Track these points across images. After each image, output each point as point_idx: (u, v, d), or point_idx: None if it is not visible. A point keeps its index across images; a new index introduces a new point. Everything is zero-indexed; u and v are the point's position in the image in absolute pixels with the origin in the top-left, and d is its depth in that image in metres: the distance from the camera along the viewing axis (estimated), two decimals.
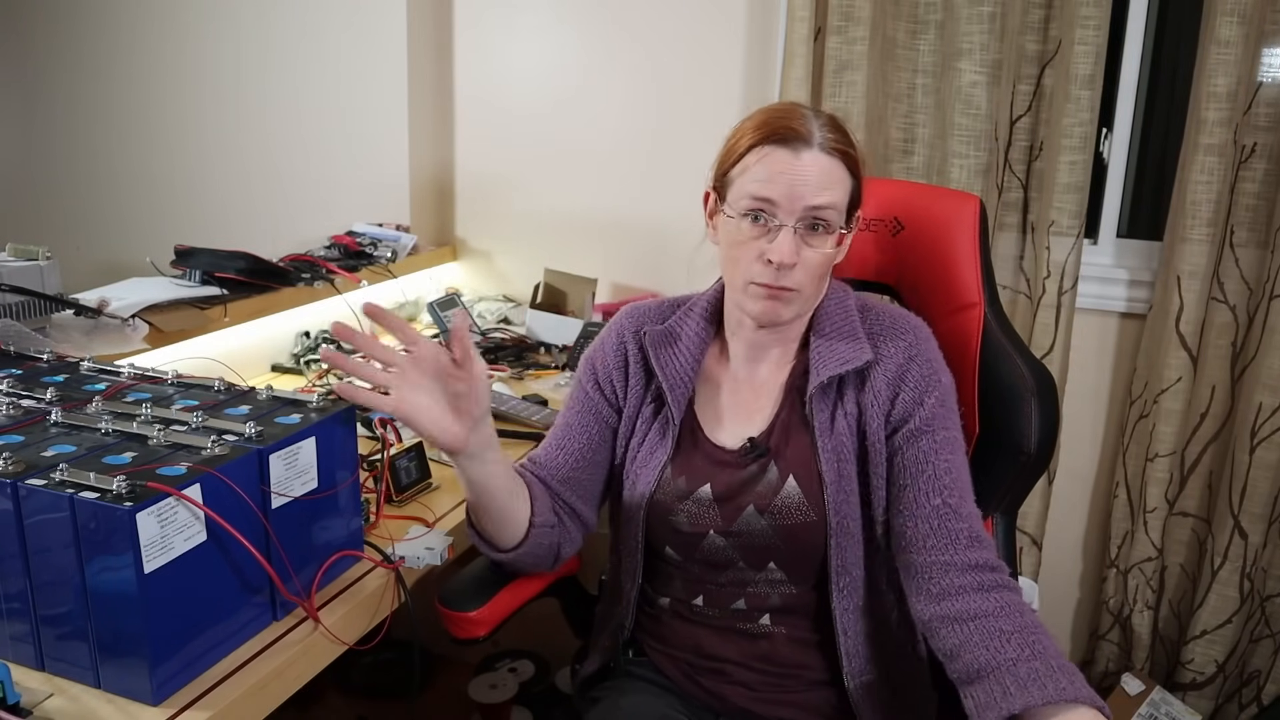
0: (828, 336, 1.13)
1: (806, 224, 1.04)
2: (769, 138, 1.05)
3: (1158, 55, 1.95)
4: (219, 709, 0.88)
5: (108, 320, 1.47)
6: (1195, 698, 1.94)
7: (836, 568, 1.09)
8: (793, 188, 1.03)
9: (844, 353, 1.11)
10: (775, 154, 1.04)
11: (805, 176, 1.03)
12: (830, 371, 1.10)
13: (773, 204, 1.04)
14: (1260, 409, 1.77)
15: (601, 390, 1.21)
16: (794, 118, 1.06)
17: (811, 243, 1.05)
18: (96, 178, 2.72)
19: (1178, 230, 1.80)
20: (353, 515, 1.11)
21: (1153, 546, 1.93)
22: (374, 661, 2.02)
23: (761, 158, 1.05)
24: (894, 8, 1.87)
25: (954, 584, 1.01)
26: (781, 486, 1.10)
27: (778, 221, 1.04)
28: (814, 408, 1.11)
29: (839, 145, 1.06)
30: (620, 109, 2.18)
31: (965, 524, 1.05)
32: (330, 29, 2.29)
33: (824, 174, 1.04)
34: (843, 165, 1.06)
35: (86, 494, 0.83)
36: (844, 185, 1.06)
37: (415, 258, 2.23)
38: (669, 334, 1.18)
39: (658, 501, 1.15)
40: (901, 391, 1.09)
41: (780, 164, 1.04)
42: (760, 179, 1.05)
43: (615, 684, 1.22)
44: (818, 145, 1.04)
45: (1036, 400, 1.20)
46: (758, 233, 1.06)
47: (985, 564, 1.03)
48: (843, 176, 1.06)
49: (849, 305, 1.15)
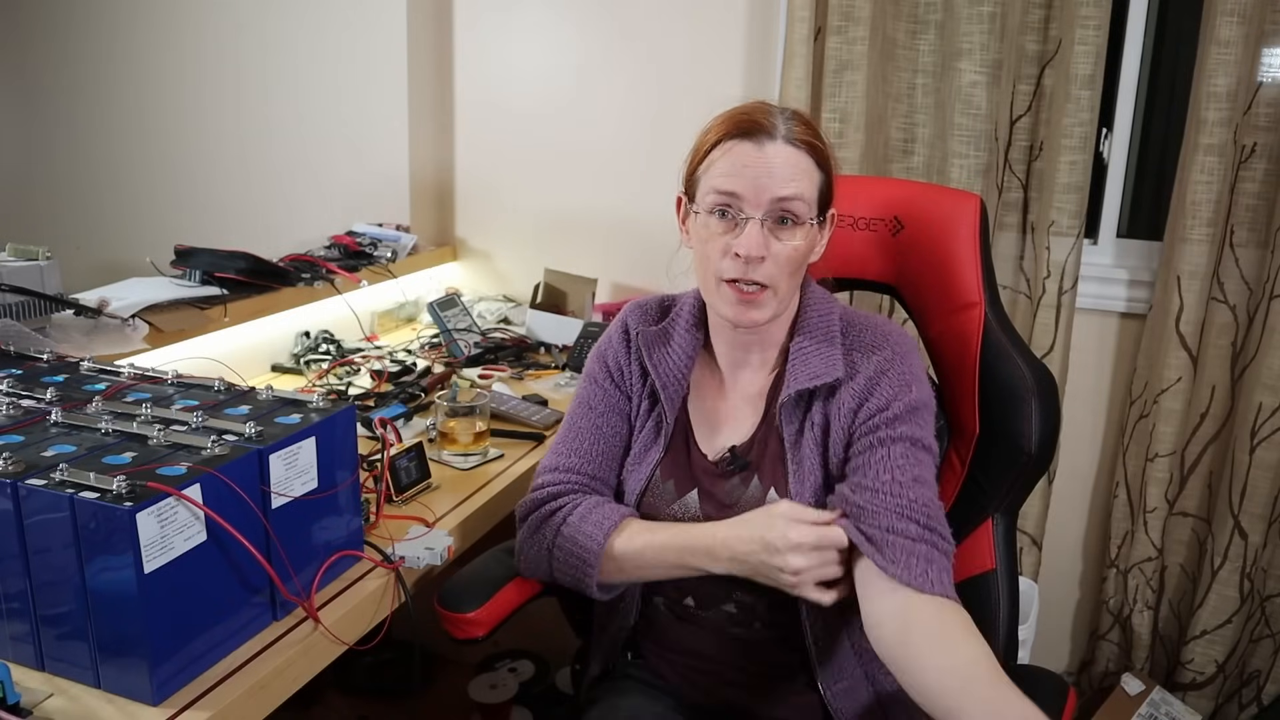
0: (805, 349, 1.11)
1: (774, 217, 1.04)
2: (731, 132, 1.04)
3: (1158, 55, 1.95)
4: (219, 709, 0.88)
5: (108, 320, 1.47)
6: (1195, 698, 1.94)
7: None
8: (757, 180, 1.02)
9: (816, 366, 1.09)
10: (739, 147, 1.04)
11: (769, 168, 1.02)
12: (799, 385, 1.08)
13: (738, 198, 1.03)
14: (1260, 409, 1.77)
15: (615, 382, 1.20)
16: (757, 112, 1.05)
17: (780, 236, 1.04)
18: (96, 178, 2.72)
19: (1178, 230, 1.80)
20: (353, 515, 1.11)
21: (1153, 546, 1.93)
22: (374, 661, 2.03)
23: (725, 152, 1.04)
24: (894, 8, 1.87)
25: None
26: (764, 500, 1.10)
27: (744, 215, 1.03)
28: (783, 420, 1.10)
29: (804, 137, 1.05)
30: (620, 109, 2.18)
31: (915, 496, 1.01)
32: (330, 29, 2.29)
33: (788, 165, 1.03)
34: (809, 157, 1.05)
35: (86, 494, 0.83)
36: (810, 177, 1.05)
37: (415, 258, 2.23)
38: (663, 335, 1.18)
39: (647, 501, 1.15)
40: (866, 402, 1.07)
41: (744, 157, 1.03)
42: (725, 173, 1.04)
43: (614, 685, 1.22)
44: (782, 137, 1.03)
45: (1037, 400, 1.20)
46: (725, 228, 1.05)
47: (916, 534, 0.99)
48: (809, 168, 1.05)
49: (832, 317, 1.13)
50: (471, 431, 1.45)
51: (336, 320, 1.99)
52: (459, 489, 1.36)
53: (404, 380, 1.78)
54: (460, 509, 1.30)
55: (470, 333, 2.04)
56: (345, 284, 1.94)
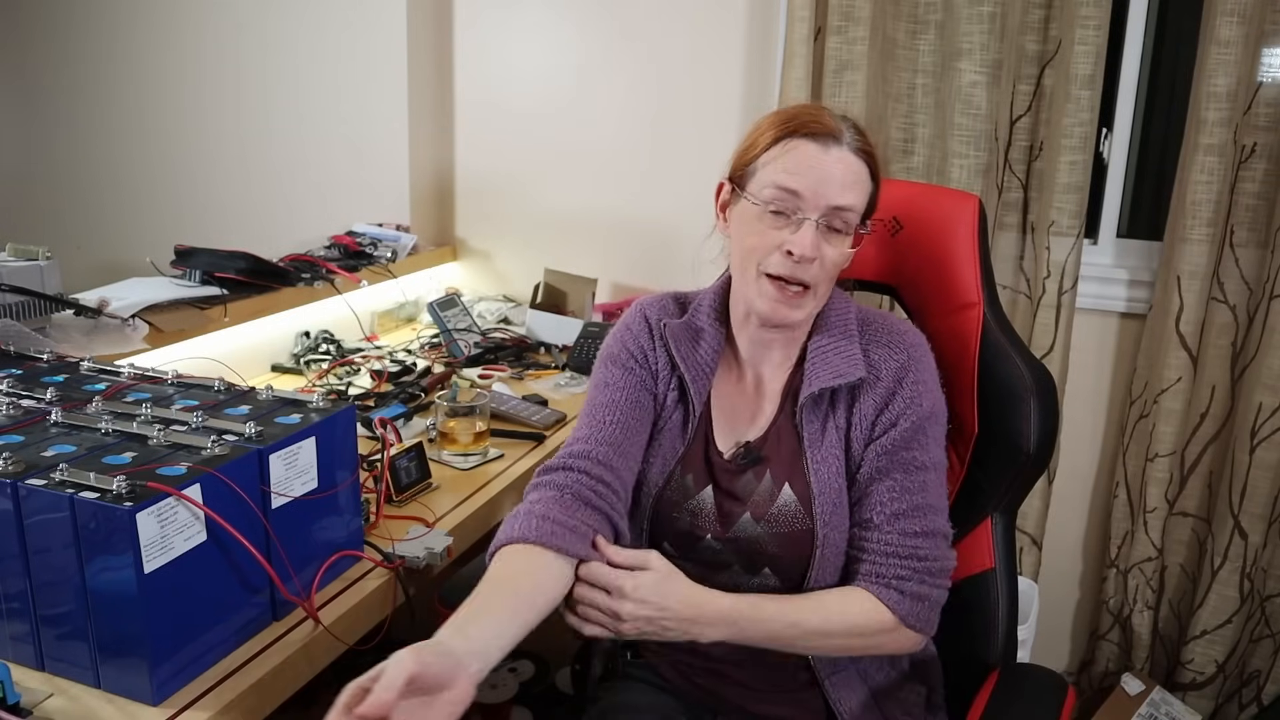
0: (824, 347, 1.12)
1: (827, 222, 1.04)
2: (797, 131, 1.05)
3: (1158, 55, 1.95)
4: (219, 709, 0.88)
5: (108, 320, 1.47)
6: (1195, 698, 1.94)
7: (815, 577, 1.09)
8: (820, 183, 1.03)
9: (838, 365, 1.10)
10: (804, 147, 1.04)
11: (832, 172, 1.04)
12: (823, 384, 1.09)
13: (798, 196, 1.04)
14: (1260, 409, 1.77)
15: (639, 362, 1.16)
16: (823, 114, 1.06)
17: (830, 240, 1.05)
18: (96, 178, 2.72)
19: (1178, 230, 1.80)
20: (353, 515, 1.11)
21: (1153, 546, 1.93)
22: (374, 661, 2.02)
23: (789, 150, 1.05)
24: (894, 8, 1.87)
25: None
26: (778, 495, 1.10)
27: (801, 215, 1.04)
28: (804, 418, 1.11)
29: (865, 147, 1.06)
30: (620, 109, 2.18)
31: (885, 538, 1.06)
32: (330, 29, 2.29)
33: (850, 173, 1.04)
34: (866, 168, 1.06)
35: (86, 494, 0.83)
36: (865, 188, 1.07)
37: (415, 258, 2.23)
38: (689, 327, 1.17)
39: (665, 496, 1.15)
40: (883, 412, 1.09)
41: (809, 157, 1.04)
42: (788, 169, 1.04)
43: (615, 684, 1.22)
44: (846, 144, 1.04)
45: (1036, 400, 1.20)
46: (779, 224, 1.05)
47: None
48: (865, 179, 1.06)
49: (849, 316, 1.14)
50: (471, 431, 1.45)
51: (336, 320, 1.99)
52: (459, 489, 1.36)
53: (404, 380, 1.78)
54: (460, 509, 1.30)
55: (470, 333, 2.04)
56: (345, 284, 1.94)
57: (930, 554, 1.06)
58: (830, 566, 1.09)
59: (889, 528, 1.06)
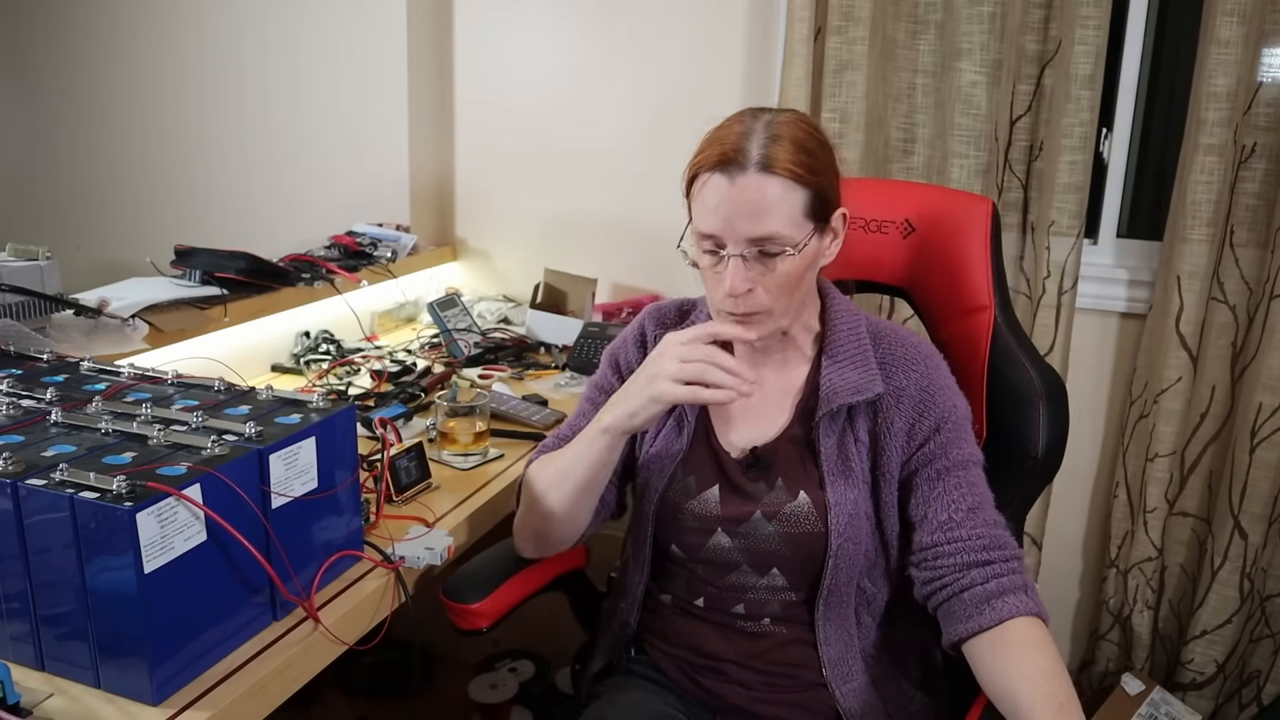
0: (839, 361, 1.12)
1: (757, 250, 1.02)
2: (704, 165, 1.03)
3: (1158, 55, 1.95)
4: (219, 709, 0.88)
5: (108, 320, 1.47)
6: (1195, 698, 1.94)
7: (829, 584, 1.10)
8: (730, 221, 1.01)
9: (856, 381, 1.10)
10: (713, 182, 1.02)
11: (741, 206, 1.00)
12: (841, 400, 1.09)
13: (716, 238, 1.03)
14: (1260, 409, 1.77)
15: (620, 376, 1.20)
16: (728, 139, 1.02)
17: (766, 265, 1.03)
18: (96, 178, 2.72)
19: (1178, 230, 1.80)
20: (353, 515, 1.11)
21: (1153, 546, 1.93)
22: (374, 661, 2.02)
23: (703, 187, 1.03)
24: (894, 8, 1.87)
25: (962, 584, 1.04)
26: (791, 500, 1.11)
27: (726, 252, 1.02)
28: (821, 432, 1.11)
29: (778, 159, 1.00)
30: (620, 109, 2.18)
31: (976, 531, 1.06)
32: (330, 29, 2.29)
33: (761, 198, 1.00)
34: (785, 180, 1.00)
35: (86, 494, 0.83)
36: (787, 203, 1.01)
37: (415, 258, 2.23)
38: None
39: (668, 498, 1.15)
40: (917, 423, 1.09)
41: (717, 194, 1.01)
42: (702, 213, 1.03)
43: (615, 681, 1.22)
44: (754, 166, 0.99)
45: (1045, 405, 1.20)
46: (714, 263, 1.05)
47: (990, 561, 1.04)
48: (783, 194, 1.00)
49: (860, 330, 1.14)
50: (471, 431, 1.45)
51: (336, 320, 1.99)
52: (459, 489, 1.36)
53: (404, 380, 1.78)
54: (460, 509, 1.30)
55: (470, 333, 2.04)
56: (345, 284, 1.94)
57: (1010, 543, 1.07)
58: (844, 579, 1.10)
59: (969, 521, 1.07)
